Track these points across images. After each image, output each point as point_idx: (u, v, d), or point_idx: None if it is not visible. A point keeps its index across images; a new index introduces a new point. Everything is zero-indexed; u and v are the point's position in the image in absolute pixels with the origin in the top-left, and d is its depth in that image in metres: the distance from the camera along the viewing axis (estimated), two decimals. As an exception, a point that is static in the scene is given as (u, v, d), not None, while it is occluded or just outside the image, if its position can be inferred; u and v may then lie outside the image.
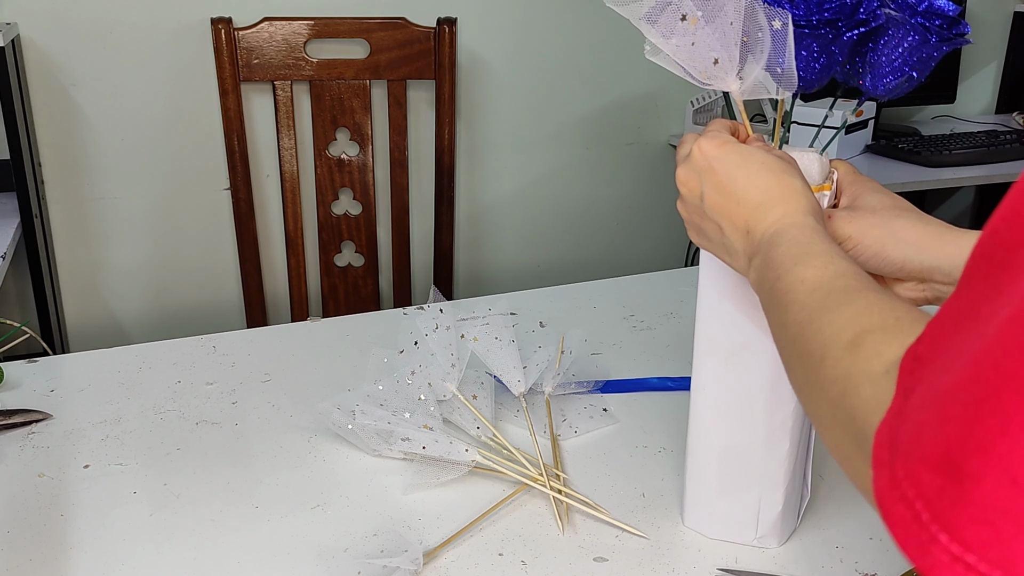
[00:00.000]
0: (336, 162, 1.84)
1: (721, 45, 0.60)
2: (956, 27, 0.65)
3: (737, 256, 0.60)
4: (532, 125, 2.10)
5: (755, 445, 0.70)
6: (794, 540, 0.75)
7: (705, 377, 0.71)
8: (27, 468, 0.84)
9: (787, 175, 0.59)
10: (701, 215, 0.62)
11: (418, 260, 2.07)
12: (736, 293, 0.67)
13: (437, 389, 0.87)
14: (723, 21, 0.59)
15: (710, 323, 0.69)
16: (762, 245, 0.57)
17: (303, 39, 1.76)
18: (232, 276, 1.96)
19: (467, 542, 0.74)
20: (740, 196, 0.59)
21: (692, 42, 0.60)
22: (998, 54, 2.54)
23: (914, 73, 0.66)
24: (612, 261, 2.29)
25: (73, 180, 1.79)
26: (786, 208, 0.57)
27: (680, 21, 0.59)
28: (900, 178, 1.93)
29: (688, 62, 0.61)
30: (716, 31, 0.60)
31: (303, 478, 0.83)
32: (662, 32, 0.60)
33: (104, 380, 1.00)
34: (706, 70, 0.61)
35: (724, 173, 0.60)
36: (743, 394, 0.69)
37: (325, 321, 1.16)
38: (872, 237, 0.63)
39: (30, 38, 1.69)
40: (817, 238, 0.54)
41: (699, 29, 0.60)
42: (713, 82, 0.62)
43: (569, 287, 1.28)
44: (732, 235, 0.59)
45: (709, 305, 0.69)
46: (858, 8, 0.63)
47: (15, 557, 0.72)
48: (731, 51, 0.60)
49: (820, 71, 0.64)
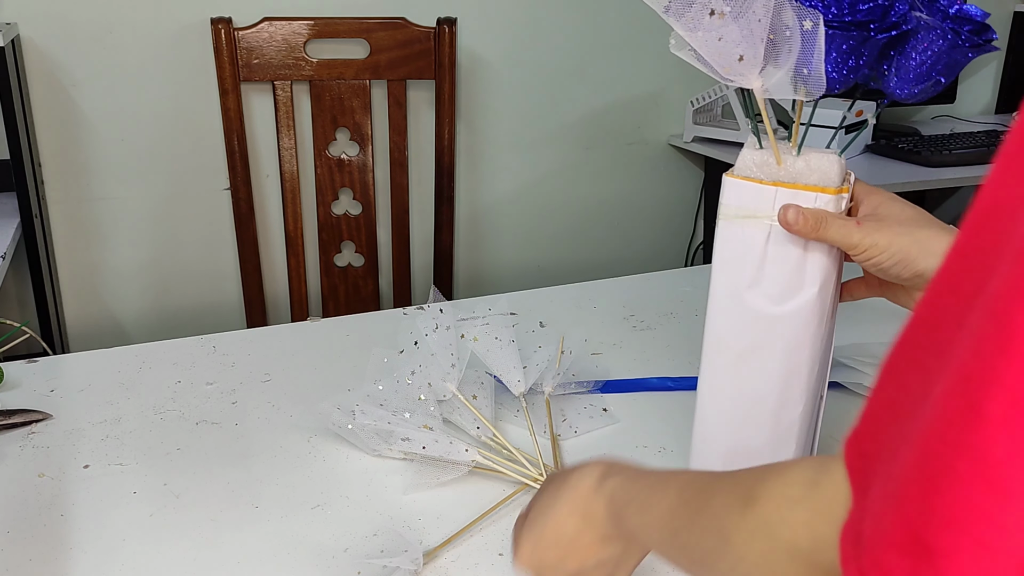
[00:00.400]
0: (336, 162, 1.84)
1: (747, 42, 0.59)
2: (985, 33, 0.65)
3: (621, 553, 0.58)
4: (532, 125, 2.10)
5: (761, 448, 0.70)
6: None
7: (713, 377, 0.71)
8: (27, 468, 0.84)
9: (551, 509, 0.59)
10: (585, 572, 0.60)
11: (418, 260, 2.07)
12: (748, 293, 0.67)
13: (437, 389, 0.87)
14: (751, 18, 0.59)
15: (720, 323, 0.69)
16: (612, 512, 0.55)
17: (303, 39, 1.76)
18: (232, 276, 1.96)
19: (467, 542, 0.74)
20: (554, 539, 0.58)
21: (719, 37, 0.59)
22: (998, 54, 2.54)
23: (941, 78, 0.65)
24: (612, 261, 2.29)
25: (73, 180, 1.79)
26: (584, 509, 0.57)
27: (708, 16, 0.59)
28: (900, 178, 1.93)
29: (713, 57, 0.61)
30: (743, 27, 0.59)
31: (303, 478, 0.83)
32: (688, 26, 0.60)
33: (104, 380, 1.00)
34: (730, 66, 0.61)
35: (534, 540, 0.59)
36: (752, 395, 0.69)
37: (325, 321, 1.16)
38: (898, 246, 0.64)
39: (30, 38, 1.69)
40: (627, 485, 0.54)
41: (726, 24, 0.59)
42: (736, 79, 0.61)
43: (569, 287, 1.28)
44: (599, 554, 0.57)
45: (719, 305, 0.69)
46: (890, 11, 0.62)
47: (15, 557, 0.72)
48: (756, 48, 0.59)
49: (848, 73, 0.64)
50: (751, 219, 0.65)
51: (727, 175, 0.67)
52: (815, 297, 0.65)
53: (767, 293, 0.66)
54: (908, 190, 1.94)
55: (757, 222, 0.65)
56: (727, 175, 0.67)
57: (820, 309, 0.65)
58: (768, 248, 0.65)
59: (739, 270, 0.67)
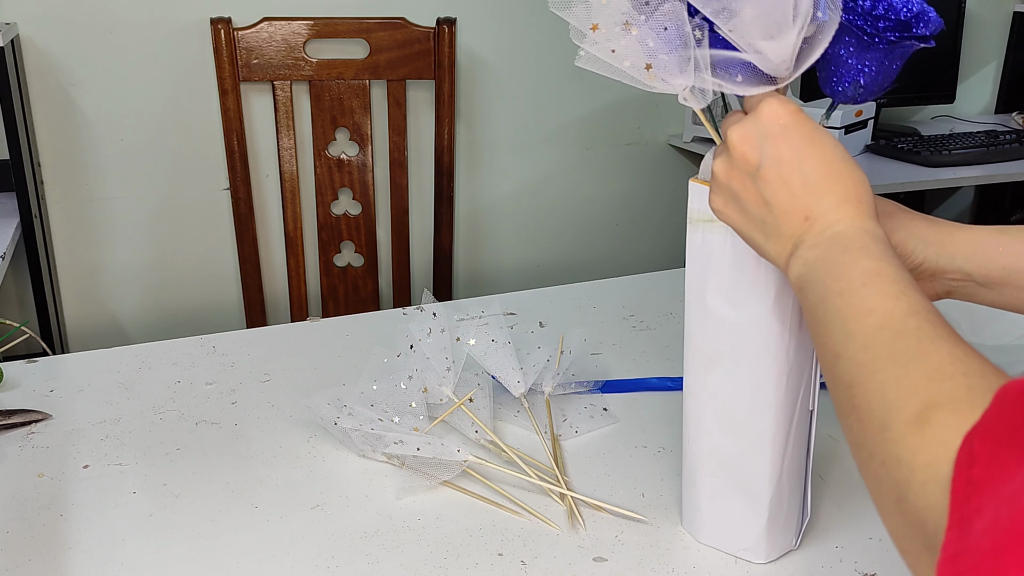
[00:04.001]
0: (336, 162, 1.84)
1: (657, 51, 0.58)
2: (906, 30, 0.61)
3: (778, 240, 0.55)
4: (532, 125, 2.10)
5: (737, 453, 0.69)
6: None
7: (690, 381, 0.71)
8: (27, 468, 0.84)
9: (858, 169, 0.54)
10: (746, 183, 0.56)
11: (418, 260, 2.07)
12: (711, 299, 0.67)
13: (433, 393, 0.87)
14: (656, 25, 0.58)
15: (691, 328, 0.69)
16: (823, 239, 0.52)
17: (303, 39, 1.76)
18: (232, 276, 1.96)
19: (467, 542, 0.74)
20: (808, 176, 0.53)
21: (630, 46, 0.58)
22: (998, 54, 2.54)
23: (860, 79, 0.63)
24: (612, 261, 2.29)
25: (73, 180, 1.79)
26: (858, 207, 0.53)
27: (621, 27, 0.59)
28: (900, 178, 1.93)
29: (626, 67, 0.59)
30: (651, 35, 0.58)
31: (303, 478, 0.83)
32: (603, 37, 0.59)
33: (104, 380, 1.00)
34: (641, 75, 0.59)
35: (795, 145, 0.54)
36: (724, 402, 0.69)
37: (325, 321, 1.16)
38: (894, 241, 0.63)
39: (30, 38, 1.69)
40: (888, 255, 0.50)
41: (632, 34, 0.58)
42: (658, 85, 0.59)
43: (569, 287, 1.28)
44: (782, 216, 0.54)
45: (690, 310, 0.69)
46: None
47: (15, 557, 0.72)
48: (669, 55, 0.58)
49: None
50: (711, 223, 0.65)
51: (692, 180, 0.67)
52: (773, 304, 0.64)
53: (728, 299, 0.66)
54: (908, 190, 1.95)
55: (717, 227, 0.65)
56: (692, 180, 0.67)
57: (781, 316, 0.64)
58: (726, 254, 0.65)
59: (703, 276, 0.67)
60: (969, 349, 0.43)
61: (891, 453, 0.41)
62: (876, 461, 0.42)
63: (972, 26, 2.42)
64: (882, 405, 0.43)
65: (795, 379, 0.66)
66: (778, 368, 0.66)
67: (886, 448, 0.41)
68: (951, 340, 0.44)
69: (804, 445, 0.70)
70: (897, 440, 0.41)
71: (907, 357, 0.43)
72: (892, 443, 0.41)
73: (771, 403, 0.66)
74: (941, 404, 0.40)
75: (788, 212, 0.54)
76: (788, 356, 0.65)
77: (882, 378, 0.44)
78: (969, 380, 0.41)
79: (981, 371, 0.41)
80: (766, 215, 0.55)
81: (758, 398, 0.67)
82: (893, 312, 0.46)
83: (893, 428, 0.41)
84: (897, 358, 0.44)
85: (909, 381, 0.42)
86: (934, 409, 0.40)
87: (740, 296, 0.65)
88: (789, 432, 0.68)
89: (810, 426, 0.70)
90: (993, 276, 0.64)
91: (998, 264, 0.63)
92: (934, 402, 0.40)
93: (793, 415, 0.68)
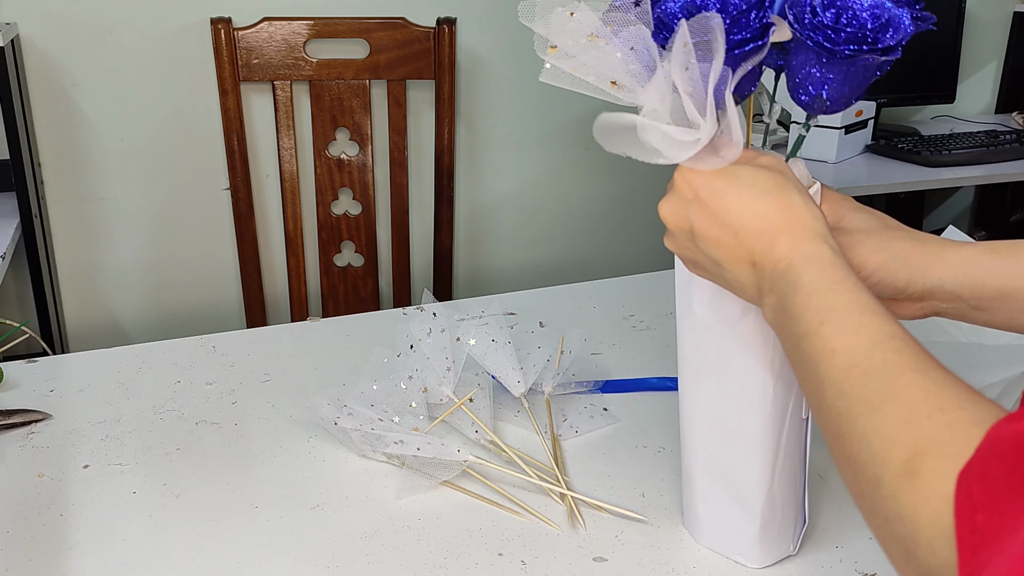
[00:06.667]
0: (336, 162, 1.84)
1: (620, 67, 0.58)
2: (865, 43, 0.59)
3: (744, 289, 0.56)
4: (532, 125, 2.10)
5: (729, 461, 0.69)
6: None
7: (683, 388, 0.71)
8: (27, 468, 0.84)
9: (784, 193, 0.54)
10: (694, 249, 0.58)
11: (418, 260, 2.07)
12: (702, 308, 0.66)
13: (433, 393, 0.87)
14: (624, 43, 0.58)
15: (681, 336, 0.69)
16: (775, 282, 0.52)
17: (303, 39, 1.76)
18: (232, 276, 1.96)
19: (467, 542, 0.74)
20: (736, 226, 0.54)
21: (596, 60, 0.58)
22: (998, 54, 2.54)
23: (823, 92, 0.62)
24: (612, 261, 2.29)
25: (73, 180, 1.79)
26: (793, 236, 0.52)
27: (587, 39, 0.58)
28: (900, 178, 1.93)
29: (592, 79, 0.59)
30: (616, 53, 0.58)
31: (303, 478, 0.83)
32: (568, 51, 0.58)
33: (104, 380, 1.00)
34: (607, 89, 0.59)
35: (713, 202, 0.55)
36: (714, 409, 0.69)
37: (325, 321, 1.16)
38: (875, 263, 0.61)
39: (30, 38, 1.69)
40: (838, 280, 0.50)
41: (602, 47, 0.58)
42: (625, 97, 0.59)
43: (569, 287, 1.28)
44: (734, 269, 0.55)
45: (680, 319, 0.69)
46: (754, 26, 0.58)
47: (15, 557, 0.72)
48: (633, 72, 0.58)
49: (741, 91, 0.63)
50: None
51: None
52: (756, 315, 0.63)
53: (713, 309, 0.66)
54: (908, 190, 1.95)
55: None
56: None
57: (764, 327, 0.63)
58: None
59: (688, 285, 0.67)
60: (938, 374, 0.43)
61: (892, 510, 0.41)
62: (879, 518, 0.42)
63: (972, 26, 2.42)
64: (870, 457, 0.42)
65: (783, 388, 0.66)
66: (764, 377, 0.65)
67: (885, 505, 0.41)
68: (919, 369, 0.43)
69: (798, 453, 0.70)
70: (894, 496, 0.40)
71: (880, 399, 0.43)
72: (890, 499, 0.41)
73: (759, 412, 0.66)
74: (927, 451, 0.40)
75: (736, 265, 0.55)
76: (774, 366, 0.65)
77: (862, 426, 0.43)
78: (947, 416, 0.40)
79: (957, 402, 0.41)
80: (723, 272, 0.57)
81: (746, 407, 0.67)
82: (856, 348, 0.46)
83: (885, 483, 0.41)
84: (870, 402, 0.43)
85: (888, 429, 0.42)
86: (921, 457, 0.40)
87: (724, 305, 0.65)
88: (780, 440, 0.68)
89: (805, 434, 0.70)
90: (985, 298, 0.61)
91: (991, 286, 0.60)
92: (918, 449, 0.40)
93: (784, 423, 0.67)
